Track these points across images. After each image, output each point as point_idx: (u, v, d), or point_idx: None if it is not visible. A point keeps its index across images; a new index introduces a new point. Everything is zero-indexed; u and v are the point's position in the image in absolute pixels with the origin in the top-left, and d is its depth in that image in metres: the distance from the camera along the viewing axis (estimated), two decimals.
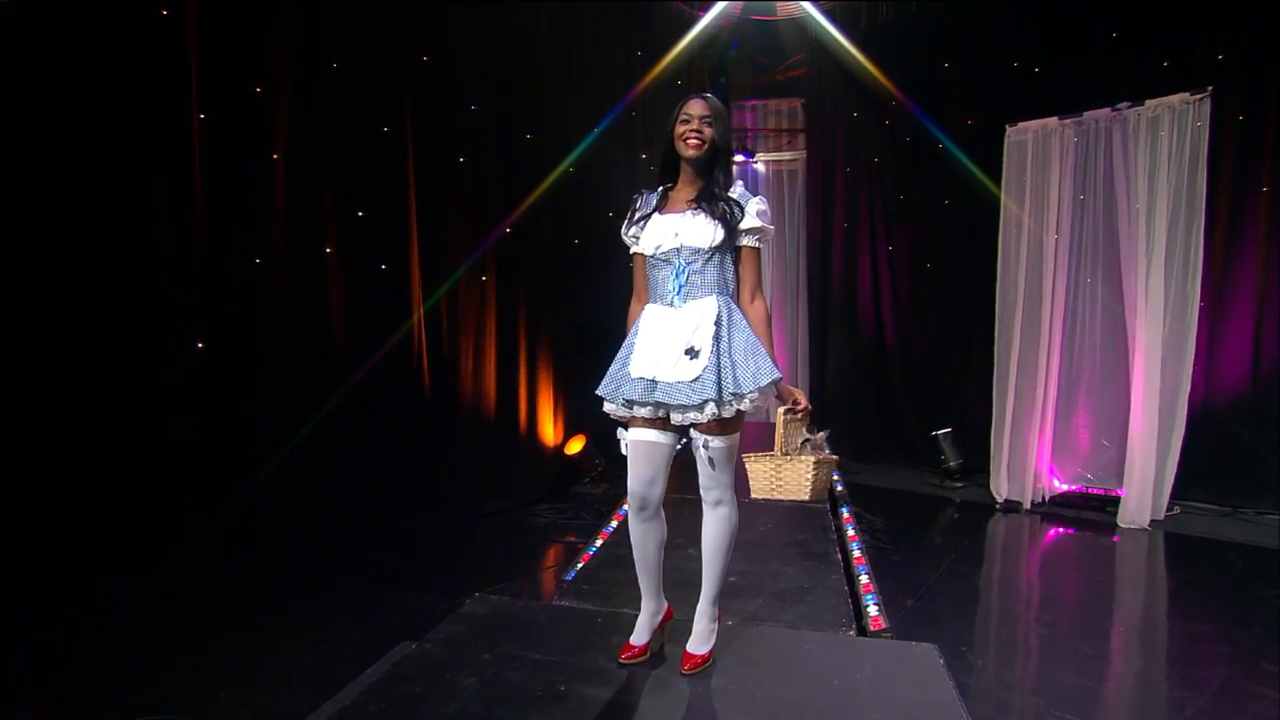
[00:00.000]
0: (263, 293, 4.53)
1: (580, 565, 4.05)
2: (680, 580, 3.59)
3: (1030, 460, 6.22)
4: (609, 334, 7.72)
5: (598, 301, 7.47)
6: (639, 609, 2.87)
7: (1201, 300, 5.66)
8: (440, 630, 3.00)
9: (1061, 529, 5.85)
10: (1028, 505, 6.20)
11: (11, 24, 3.43)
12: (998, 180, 6.53)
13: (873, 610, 3.42)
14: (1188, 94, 5.51)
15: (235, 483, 4.34)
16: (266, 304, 4.55)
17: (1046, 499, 6.26)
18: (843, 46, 7.95)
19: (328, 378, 4.90)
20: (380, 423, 5.27)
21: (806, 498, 5.29)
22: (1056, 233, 6.08)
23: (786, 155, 9.34)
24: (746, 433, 3.10)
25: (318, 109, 4.72)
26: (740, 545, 4.12)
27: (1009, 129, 6.39)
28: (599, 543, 4.40)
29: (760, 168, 9.39)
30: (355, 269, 5.04)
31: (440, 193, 5.70)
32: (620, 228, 2.83)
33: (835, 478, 6.05)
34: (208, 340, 4.20)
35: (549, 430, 6.90)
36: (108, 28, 3.75)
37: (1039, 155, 6.22)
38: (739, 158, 9.04)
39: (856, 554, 4.16)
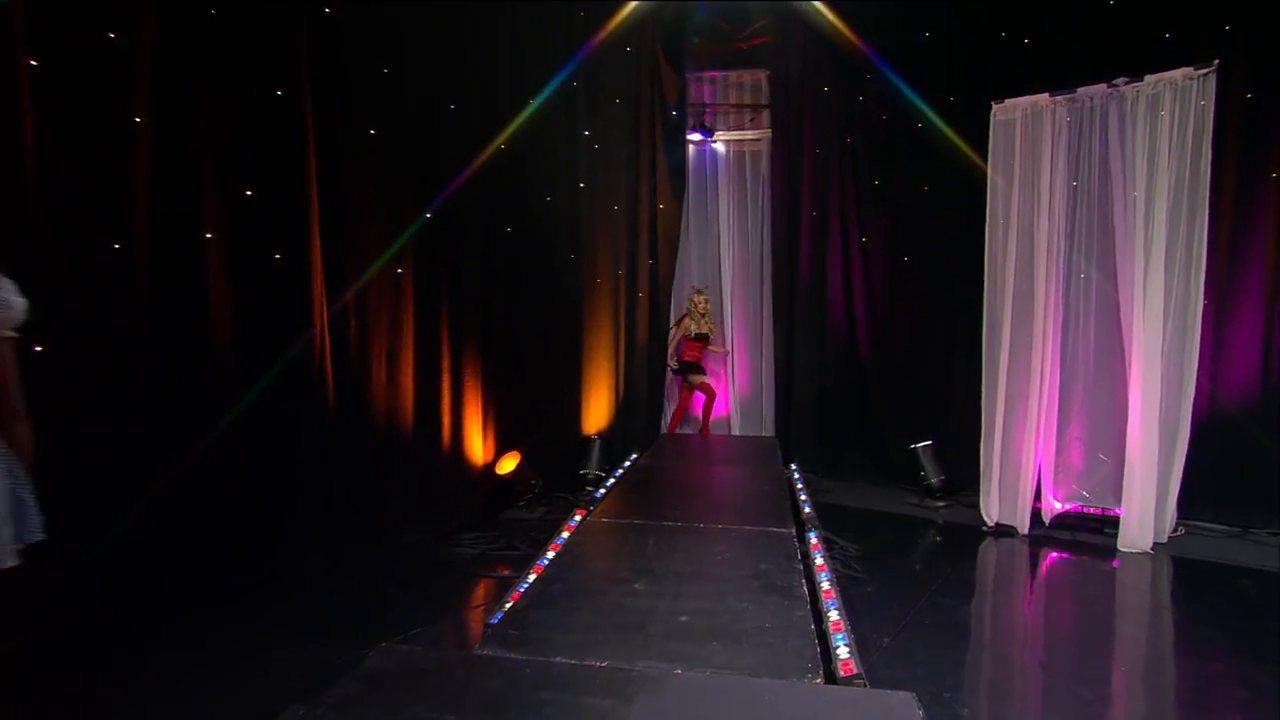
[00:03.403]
0: (124, 286, 4.26)
1: (508, 605, 3.88)
2: (623, 623, 3.49)
3: (1025, 477, 6.24)
4: (547, 336, 7.70)
5: (535, 299, 7.37)
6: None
7: (1205, 298, 5.75)
8: (335, 691, 2.81)
9: (1056, 553, 5.88)
10: (1024, 530, 6.22)
11: None
12: (984, 164, 6.55)
13: (843, 652, 3.33)
14: (1191, 69, 5.57)
15: (97, 519, 4.09)
16: (129, 300, 4.29)
17: (1046, 521, 6.28)
18: (813, 10, 7.97)
19: (209, 390, 4.70)
20: (275, 443, 5.08)
21: None
22: (1048, 222, 6.13)
23: (749, 134, 9.32)
24: None
25: (193, 63, 4.49)
26: (692, 578, 4.08)
27: (995, 106, 6.43)
28: (531, 578, 4.23)
29: (719, 148, 9.36)
30: (243, 259, 4.84)
31: (347, 170, 5.53)
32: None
33: (803, 498, 6.01)
34: (50, 343, 3.89)
35: (477, 447, 6.78)
36: None
37: (1028, 136, 6.26)
38: (696, 136, 8.99)
39: (825, 586, 4.07)
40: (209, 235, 4.62)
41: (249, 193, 4.88)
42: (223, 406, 4.73)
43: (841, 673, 3.18)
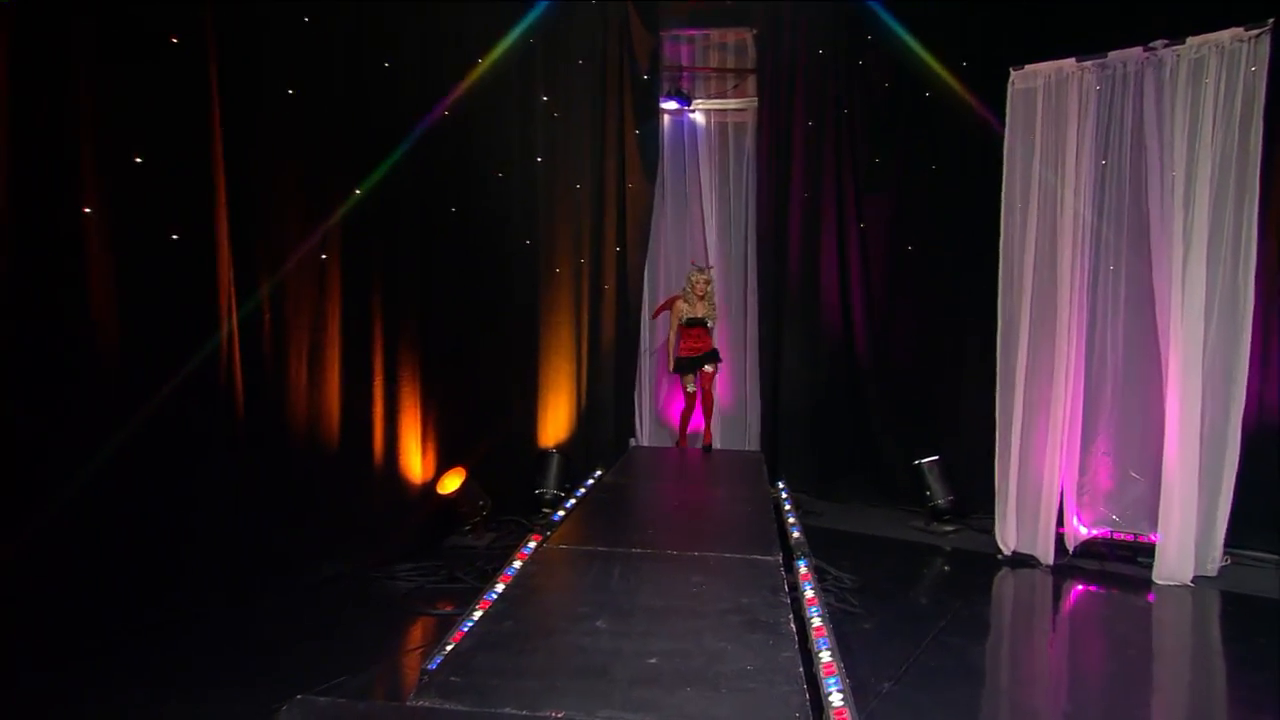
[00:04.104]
0: None
1: (449, 647, 3.85)
2: (583, 666, 3.46)
3: (1046, 498, 6.23)
4: (498, 334, 7.62)
5: (483, 290, 7.30)
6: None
7: (1256, 294, 5.74)
8: None
9: (1082, 585, 5.89)
10: (1045, 559, 6.20)
11: None
12: (999, 139, 6.56)
13: (837, 700, 3.32)
14: (1241, 29, 5.57)
15: None
16: None
17: (1070, 549, 6.27)
18: None
19: (90, 396, 4.59)
20: (172, 460, 4.98)
21: None
22: (1073, 206, 6.13)
23: (732, 103, 9.25)
24: None
25: None
26: (664, 614, 4.05)
27: (1014, 73, 6.44)
28: (477, 614, 4.19)
29: (699, 119, 9.28)
30: (131, 238, 4.72)
31: (261, 135, 5.44)
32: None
33: (791, 522, 5.98)
34: None
35: (415, 463, 6.69)
36: None
37: (1051, 107, 6.28)
38: (671, 104, 8.94)
39: (816, 623, 4.07)
40: (87, 210, 4.50)
41: (138, 159, 4.77)
42: (107, 419, 4.61)
43: None
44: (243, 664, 4.43)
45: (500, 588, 4.51)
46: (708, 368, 8.26)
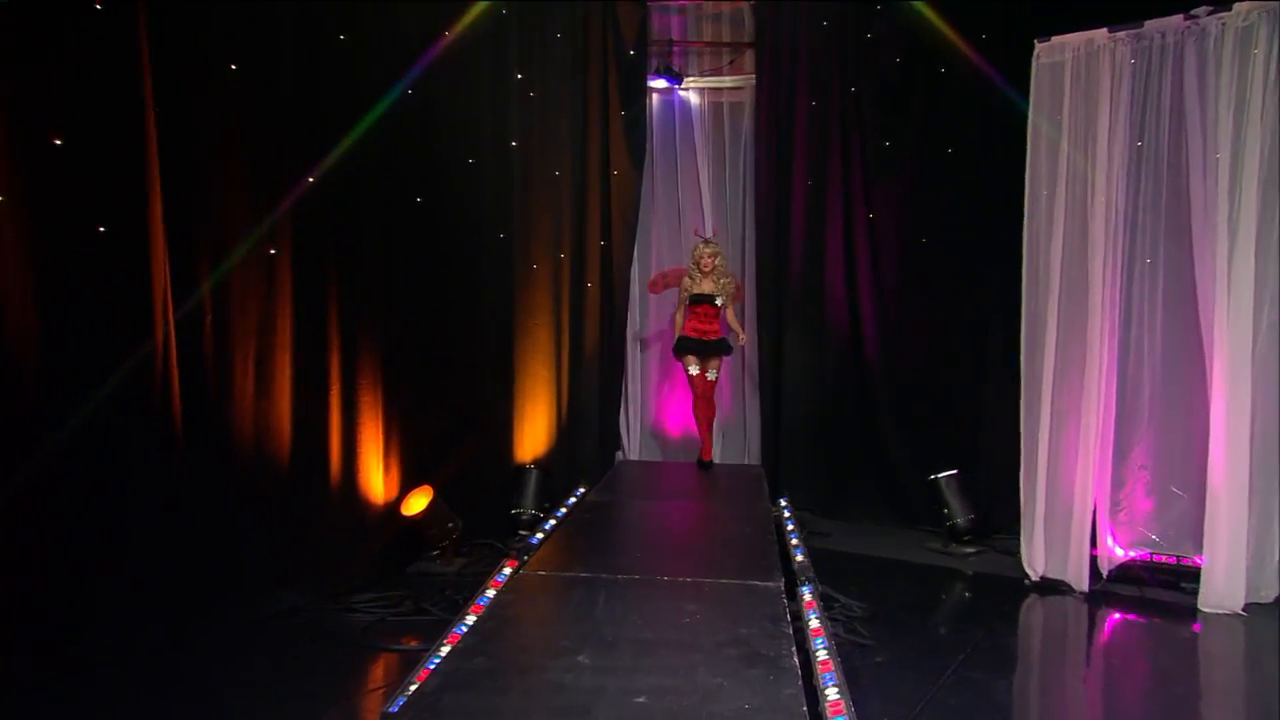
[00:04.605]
0: None
1: (413, 687, 3.83)
2: (563, 707, 3.46)
3: (1078, 517, 6.19)
4: (470, 337, 7.58)
5: (453, 289, 7.29)
6: None
7: None
8: None
9: (1119, 614, 5.87)
10: (1078, 585, 6.16)
11: None
12: (1023, 120, 6.56)
13: None
14: None
15: None
16: None
17: (1105, 573, 6.24)
18: None
19: (4, 410, 4.52)
20: (99, 480, 4.92)
21: None
22: (1106, 193, 6.11)
23: (727, 81, 9.27)
24: None
25: None
26: (653, 647, 4.05)
27: (1039, 45, 6.44)
28: (445, 649, 4.19)
29: (692, 98, 9.29)
30: (50, 231, 4.66)
31: (200, 116, 5.39)
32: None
33: (795, 543, 6.00)
34: None
35: (376, 480, 6.66)
36: None
37: (1081, 83, 6.26)
38: (660, 82, 8.93)
39: (823, 656, 4.07)
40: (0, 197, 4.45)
41: (58, 140, 4.71)
42: (24, 432, 4.55)
43: None
44: (181, 708, 4.38)
45: (471, 619, 4.51)
46: (710, 374, 7.96)
